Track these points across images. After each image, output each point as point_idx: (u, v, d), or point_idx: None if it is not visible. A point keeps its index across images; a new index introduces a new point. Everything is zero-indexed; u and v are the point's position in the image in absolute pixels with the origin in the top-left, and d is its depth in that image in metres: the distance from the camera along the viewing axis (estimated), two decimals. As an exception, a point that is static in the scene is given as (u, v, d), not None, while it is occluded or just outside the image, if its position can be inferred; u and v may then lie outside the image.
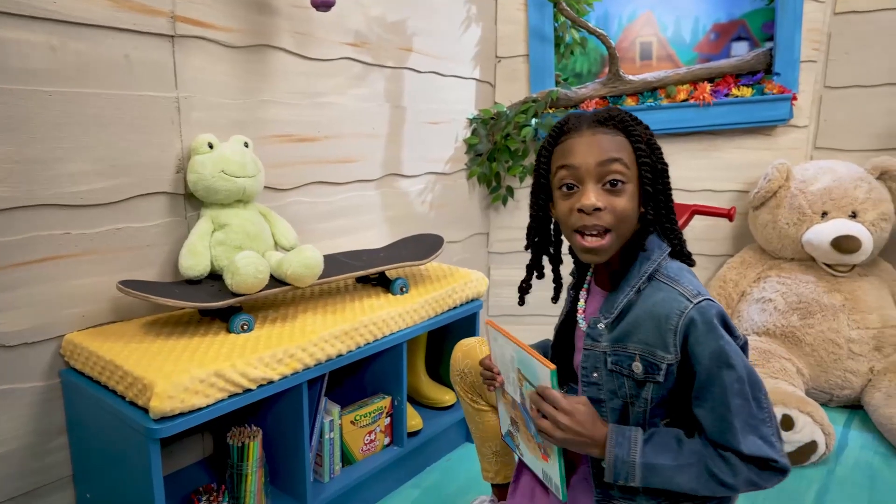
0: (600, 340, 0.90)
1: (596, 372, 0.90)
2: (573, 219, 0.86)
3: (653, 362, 0.85)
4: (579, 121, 0.89)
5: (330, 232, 1.59)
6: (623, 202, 0.85)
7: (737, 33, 2.26)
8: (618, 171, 0.85)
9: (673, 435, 0.85)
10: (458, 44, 1.94)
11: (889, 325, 1.85)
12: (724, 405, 0.81)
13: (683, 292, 0.84)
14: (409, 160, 1.80)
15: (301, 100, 1.45)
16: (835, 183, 1.93)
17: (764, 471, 0.81)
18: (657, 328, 0.84)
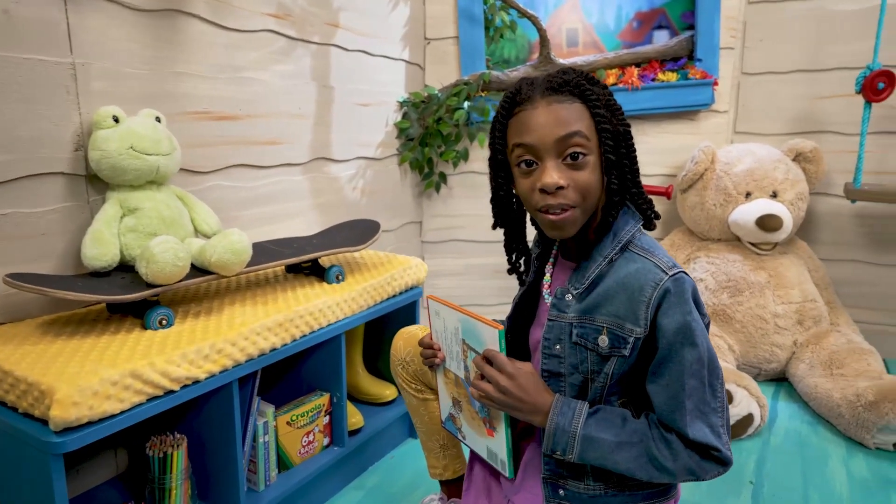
0: (567, 311, 0.85)
1: (559, 344, 0.86)
2: (535, 198, 0.82)
3: (620, 335, 0.81)
4: (532, 89, 0.83)
5: (255, 219, 1.46)
6: (585, 175, 0.80)
7: (658, 22, 2.30)
8: (578, 144, 0.79)
9: (619, 413, 0.83)
10: (387, 22, 1.85)
11: (809, 300, 1.93)
12: (679, 383, 0.79)
13: (659, 263, 0.81)
14: (338, 144, 1.70)
15: (219, 73, 1.32)
16: (756, 164, 1.99)
17: (705, 459, 0.78)
18: (629, 300, 0.81)
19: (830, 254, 2.19)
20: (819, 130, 2.16)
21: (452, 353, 0.90)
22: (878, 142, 2.06)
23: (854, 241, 2.16)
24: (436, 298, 0.91)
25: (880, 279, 2.13)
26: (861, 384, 1.61)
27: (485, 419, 0.88)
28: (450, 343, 0.90)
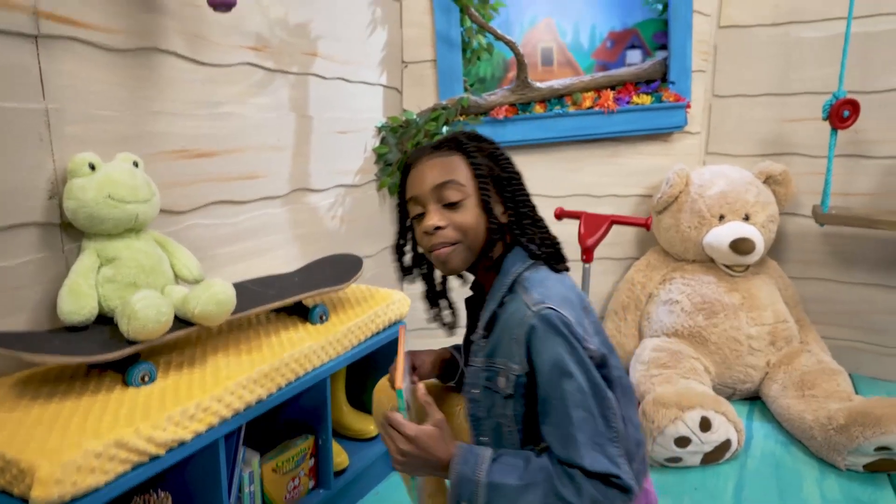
0: (478, 356, 0.91)
1: (476, 388, 0.90)
2: (424, 241, 0.92)
3: (509, 376, 0.85)
4: (420, 153, 0.94)
5: (235, 256, 1.43)
6: (462, 216, 0.89)
7: (630, 41, 2.34)
8: (452, 191, 0.89)
9: (522, 455, 0.83)
10: (364, 48, 1.83)
11: (780, 320, 1.98)
12: (567, 418, 0.80)
13: (527, 301, 0.84)
14: (317, 173, 1.67)
15: (196, 110, 1.29)
16: (729, 187, 2.04)
17: (608, 488, 0.79)
18: (509, 340, 0.85)
19: (799, 272, 2.25)
20: (787, 153, 2.22)
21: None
22: (844, 164, 2.12)
23: (822, 260, 2.22)
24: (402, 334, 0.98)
25: (847, 297, 2.20)
26: (832, 406, 1.66)
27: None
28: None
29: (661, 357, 1.89)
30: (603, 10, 2.30)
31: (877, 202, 2.10)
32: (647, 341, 2.02)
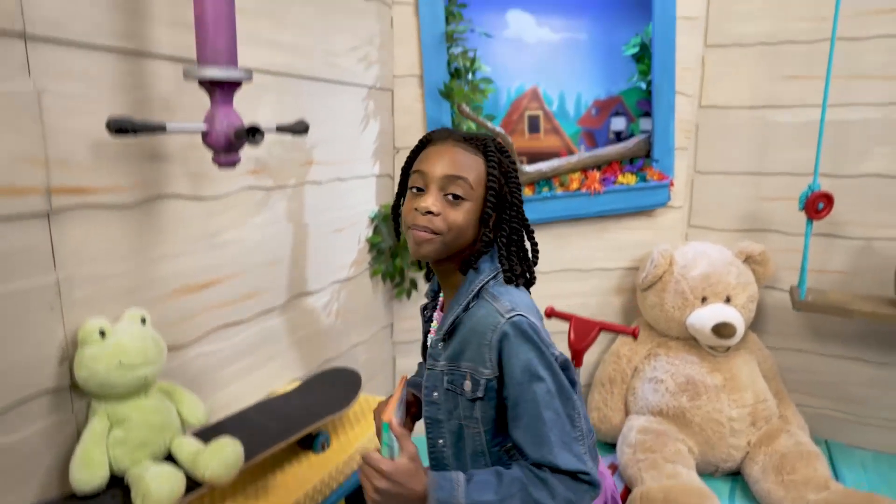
0: (438, 359, 0.94)
1: (436, 391, 0.94)
2: (410, 216, 0.92)
3: (477, 379, 0.90)
4: (447, 134, 0.95)
5: (235, 375, 1.45)
6: (457, 215, 0.90)
7: (615, 109, 2.40)
8: (460, 188, 0.90)
9: (492, 471, 0.88)
10: (358, 143, 1.87)
11: (760, 401, 2.06)
12: (539, 419, 0.85)
13: (499, 308, 0.89)
14: (313, 276, 1.70)
15: (197, 244, 1.31)
16: (711, 269, 2.11)
17: (579, 484, 0.85)
18: (478, 345, 0.89)
19: (778, 343, 2.34)
20: (766, 229, 2.31)
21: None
22: (820, 243, 2.21)
23: (799, 333, 2.31)
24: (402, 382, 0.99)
25: (823, 368, 2.30)
26: (811, 497, 1.74)
27: None
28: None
29: (646, 440, 1.96)
30: (588, 78, 2.36)
31: (849, 280, 2.19)
32: (634, 420, 2.09)
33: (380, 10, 1.91)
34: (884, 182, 2.09)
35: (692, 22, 2.26)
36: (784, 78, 2.18)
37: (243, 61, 1.31)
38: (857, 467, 2.16)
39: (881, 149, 2.08)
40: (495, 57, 2.21)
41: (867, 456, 2.23)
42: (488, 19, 2.24)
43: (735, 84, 2.27)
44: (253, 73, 1.14)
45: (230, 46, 1.07)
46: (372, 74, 1.89)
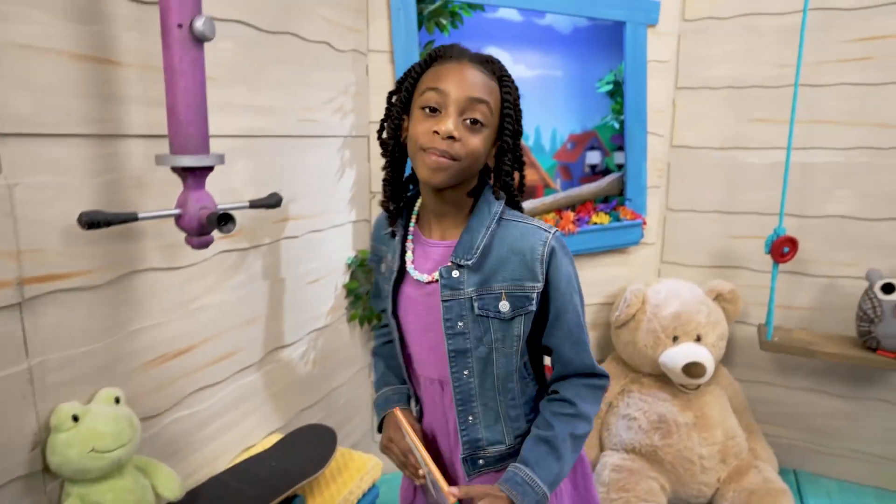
0: (462, 287, 0.93)
1: (461, 321, 0.94)
2: (426, 139, 0.88)
3: (522, 295, 0.92)
4: (461, 52, 0.92)
5: (212, 435, 1.47)
6: (477, 141, 0.89)
7: (590, 143, 2.45)
8: (482, 112, 0.89)
9: (538, 441, 0.95)
10: (334, 193, 1.89)
11: (730, 438, 2.11)
12: (579, 327, 0.97)
13: (540, 225, 0.95)
14: (290, 329, 1.72)
15: (173, 314, 1.33)
16: (682, 308, 2.16)
17: (598, 378, 1.01)
18: (523, 261, 0.92)
19: (747, 376, 2.40)
20: (735, 266, 2.37)
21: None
22: (787, 280, 2.27)
23: (767, 367, 2.37)
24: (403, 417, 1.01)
25: (790, 400, 2.36)
26: (777, 536, 1.79)
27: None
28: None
29: (620, 479, 2.00)
30: (563, 114, 2.40)
31: (815, 316, 2.26)
32: (608, 458, 2.13)
33: (355, 60, 1.93)
34: (846, 223, 2.16)
35: (663, 65, 2.31)
36: (751, 121, 2.24)
37: (219, 129, 1.34)
38: (824, 496, 2.22)
39: (843, 191, 2.15)
40: None
41: (833, 485, 2.29)
42: (465, 57, 2.27)
43: (705, 125, 2.32)
44: (224, 157, 1.16)
45: (202, 133, 1.09)
46: (347, 123, 1.91)
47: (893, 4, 1.99)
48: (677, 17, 2.29)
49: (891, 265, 2.11)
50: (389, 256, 1.04)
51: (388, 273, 1.03)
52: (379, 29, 1.99)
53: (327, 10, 1.77)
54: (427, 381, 1.06)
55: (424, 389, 1.08)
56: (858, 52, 2.05)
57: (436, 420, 1.07)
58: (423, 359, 1.04)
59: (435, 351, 0.99)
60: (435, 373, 1.02)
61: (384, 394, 1.16)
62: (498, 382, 0.98)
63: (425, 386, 1.07)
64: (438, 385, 1.03)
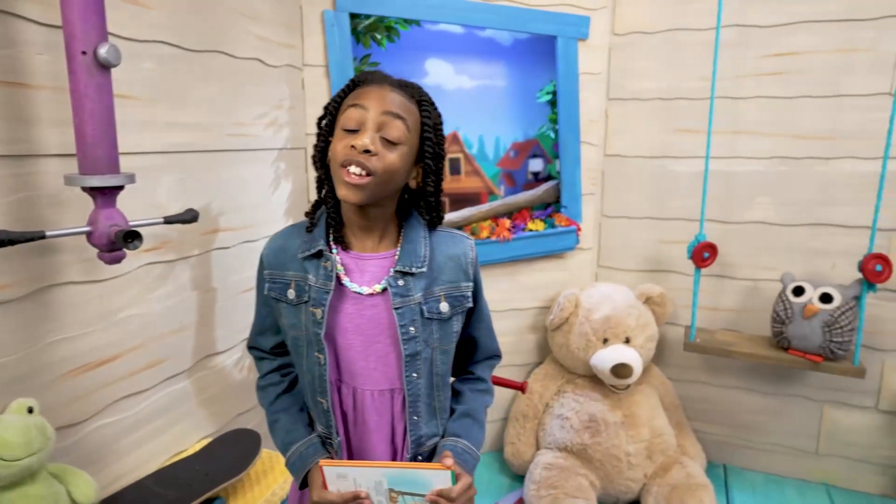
0: (411, 293, 1.00)
1: (413, 326, 1.00)
2: (343, 153, 0.92)
3: (458, 295, 1.04)
4: (382, 78, 0.98)
5: (138, 442, 1.52)
6: (394, 157, 0.93)
7: (532, 151, 2.53)
8: (398, 129, 0.93)
9: (463, 415, 1.11)
10: (269, 204, 1.94)
11: (657, 436, 2.21)
12: (489, 318, 1.17)
13: (462, 234, 1.10)
14: (222, 337, 1.78)
15: (95, 325, 1.37)
16: (612, 312, 2.25)
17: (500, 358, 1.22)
18: (458, 265, 1.05)
19: (679, 375, 2.50)
20: (666, 270, 2.47)
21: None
22: (713, 283, 2.38)
23: (697, 366, 2.48)
24: (331, 463, 0.98)
25: (719, 398, 2.47)
26: (692, 527, 1.89)
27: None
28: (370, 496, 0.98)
29: (550, 476, 2.09)
30: (506, 122, 2.49)
31: (739, 317, 2.36)
32: (540, 456, 2.21)
33: (290, 75, 1.99)
34: (766, 229, 2.27)
35: (595, 77, 2.40)
36: (677, 131, 2.34)
37: (141, 146, 1.39)
38: (748, 489, 2.33)
39: (763, 198, 2.26)
40: None
41: (758, 478, 2.41)
42: (408, 68, 2.34)
43: (635, 135, 2.42)
44: (135, 176, 1.21)
45: (109, 154, 1.15)
46: (282, 137, 1.97)
47: (802, 23, 2.10)
48: (608, 32, 2.38)
49: (806, 269, 2.22)
50: (311, 277, 1.02)
51: (316, 293, 1.01)
52: (314, 44, 2.05)
53: (259, 27, 1.83)
54: (375, 394, 1.06)
55: (369, 404, 1.06)
56: (773, 67, 2.16)
57: (378, 429, 1.07)
58: (369, 373, 1.04)
59: (384, 360, 1.03)
60: (385, 383, 1.04)
61: (297, 450, 1.08)
62: (437, 379, 1.05)
63: (370, 400, 1.06)
64: (388, 394, 1.05)
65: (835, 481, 2.34)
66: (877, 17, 2.01)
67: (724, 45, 2.19)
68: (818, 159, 2.16)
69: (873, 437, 2.25)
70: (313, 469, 1.05)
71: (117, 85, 1.36)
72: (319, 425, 1.10)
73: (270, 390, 1.16)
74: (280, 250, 1.08)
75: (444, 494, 0.94)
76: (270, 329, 1.17)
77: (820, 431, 2.33)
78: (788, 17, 2.12)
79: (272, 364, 1.20)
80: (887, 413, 2.23)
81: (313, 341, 1.02)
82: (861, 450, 2.28)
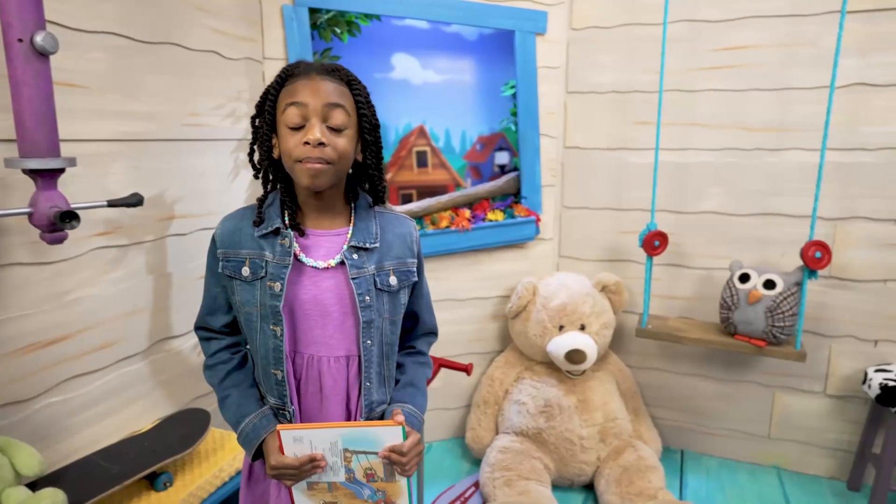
0: (365, 266, 1.08)
1: (368, 295, 1.09)
2: (299, 150, 0.99)
3: (405, 270, 1.13)
4: (308, 67, 1.03)
5: (88, 421, 1.57)
6: (343, 142, 1.01)
7: (498, 144, 2.59)
8: (340, 116, 1.01)
9: (407, 385, 1.19)
10: (228, 191, 2.00)
11: (610, 419, 2.27)
12: (430, 297, 1.24)
13: (405, 215, 1.18)
14: (178, 321, 1.83)
15: (44, 305, 1.43)
16: (569, 300, 2.31)
17: (437, 335, 1.29)
18: (404, 243, 1.13)
19: (638, 363, 2.56)
20: (625, 259, 2.52)
21: (326, 472, 1.03)
22: (669, 272, 2.43)
23: (655, 353, 2.53)
24: (288, 427, 1.01)
25: (676, 384, 2.52)
26: (638, 505, 1.95)
27: (380, 500, 1.06)
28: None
29: (504, 459, 2.14)
30: (472, 116, 2.54)
31: (694, 305, 2.42)
32: (497, 440, 2.27)
33: (249, 67, 2.04)
34: (718, 218, 2.33)
35: (554, 71, 2.46)
36: (633, 123, 2.40)
37: (92, 133, 1.44)
38: (703, 473, 2.39)
39: (715, 189, 2.31)
40: (383, 97, 2.36)
41: (713, 462, 2.46)
42: (375, 62, 2.39)
43: (594, 128, 2.48)
44: (76, 160, 1.27)
45: (50, 139, 1.20)
46: (242, 128, 2.02)
47: (750, 18, 2.15)
48: (565, 27, 2.44)
49: (758, 258, 2.28)
50: (268, 254, 1.07)
51: (274, 269, 1.07)
52: (274, 37, 2.10)
53: (216, 21, 1.88)
54: (332, 361, 1.11)
55: (325, 370, 1.12)
56: (723, 61, 2.22)
57: (334, 395, 1.13)
58: (326, 340, 1.10)
59: (341, 328, 1.09)
60: (342, 350, 1.11)
61: (250, 422, 1.10)
62: (387, 348, 1.13)
63: (327, 367, 1.11)
64: (344, 361, 1.11)
65: (786, 464, 2.41)
66: (819, 12, 2.07)
67: (676, 40, 2.25)
68: (767, 151, 2.22)
69: (822, 421, 2.31)
70: (268, 438, 1.08)
71: (66, 74, 1.42)
72: (271, 398, 1.13)
73: (220, 368, 1.18)
74: (234, 231, 1.12)
75: (395, 449, 1.01)
76: (221, 308, 1.20)
77: (771, 416, 2.39)
78: (736, 13, 2.17)
79: (221, 343, 1.23)
80: (834, 397, 2.29)
81: (269, 315, 1.07)
82: (810, 433, 2.34)
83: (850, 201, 2.15)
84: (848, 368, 2.25)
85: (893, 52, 2.02)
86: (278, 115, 1.03)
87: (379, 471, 1.03)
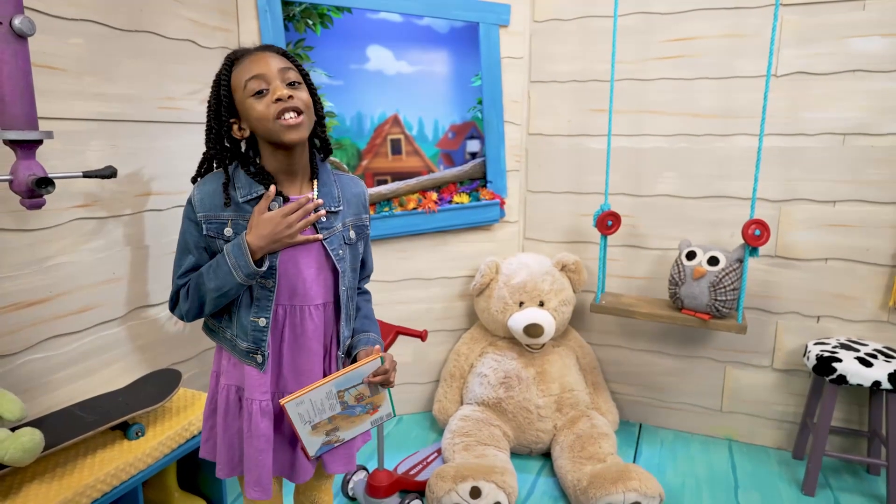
0: (333, 225, 1.23)
1: (340, 249, 1.25)
2: (272, 109, 1.09)
3: (361, 224, 1.30)
4: (247, 49, 1.17)
5: (68, 379, 1.70)
6: (305, 95, 1.14)
7: (470, 132, 2.71)
8: (294, 74, 1.14)
9: (363, 317, 1.38)
10: (204, 173, 2.13)
11: (567, 390, 2.40)
12: (369, 248, 1.39)
13: (356, 177, 1.35)
14: (155, 290, 1.96)
15: (24, 269, 1.56)
16: (528, 278, 2.43)
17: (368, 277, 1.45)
18: (359, 201, 1.30)
19: (598, 340, 2.68)
20: (585, 241, 2.65)
21: (325, 413, 1.21)
22: (627, 253, 2.56)
23: (614, 331, 2.66)
24: (290, 398, 1.15)
25: (634, 360, 2.65)
26: (586, 469, 2.07)
27: (369, 410, 1.28)
28: (322, 410, 1.20)
29: (465, 426, 2.27)
30: (444, 105, 2.67)
31: (652, 284, 2.55)
32: (460, 410, 2.40)
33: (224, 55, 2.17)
34: (672, 201, 2.46)
35: (518, 61, 2.59)
36: (592, 111, 2.52)
37: (70, 112, 1.57)
38: (657, 445, 2.52)
39: (669, 173, 2.44)
40: (359, 87, 2.49)
41: (668, 435, 2.59)
42: (351, 54, 2.52)
43: (555, 115, 2.60)
44: (54, 133, 1.40)
45: (28, 112, 1.33)
46: (217, 112, 2.15)
47: (696, 11, 2.28)
48: (528, 18, 2.57)
49: (708, 238, 2.41)
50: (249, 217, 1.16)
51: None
52: (249, 29, 2.23)
53: (192, 12, 2.01)
54: (313, 308, 1.24)
55: (308, 316, 1.23)
56: (673, 51, 2.34)
57: (315, 336, 1.25)
58: (307, 288, 1.22)
59: (319, 277, 1.23)
60: (322, 297, 1.25)
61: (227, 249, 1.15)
62: (351, 292, 1.31)
63: (308, 313, 1.23)
64: (322, 307, 1.26)
65: (737, 436, 2.53)
66: (761, 5, 2.20)
67: (630, 31, 2.37)
68: (716, 136, 2.35)
69: (769, 394, 2.44)
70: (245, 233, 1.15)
71: (47, 57, 1.55)
72: (244, 342, 1.20)
73: (192, 275, 1.23)
74: (214, 193, 1.18)
75: (378, 373, 1.23)
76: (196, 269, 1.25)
77: (723, 390, 2.51)
78: (685, 5, 2.30)
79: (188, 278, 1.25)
80: (781, 371, 2.41)
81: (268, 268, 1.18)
82: (759, 406, 2.47)
83: (792, 184, 2.27)
84: (793, 343, 2.37)
85: (831, 43, 2.15)
86: (237, 95, 1.14)
87: (366, 392, 1.25)
